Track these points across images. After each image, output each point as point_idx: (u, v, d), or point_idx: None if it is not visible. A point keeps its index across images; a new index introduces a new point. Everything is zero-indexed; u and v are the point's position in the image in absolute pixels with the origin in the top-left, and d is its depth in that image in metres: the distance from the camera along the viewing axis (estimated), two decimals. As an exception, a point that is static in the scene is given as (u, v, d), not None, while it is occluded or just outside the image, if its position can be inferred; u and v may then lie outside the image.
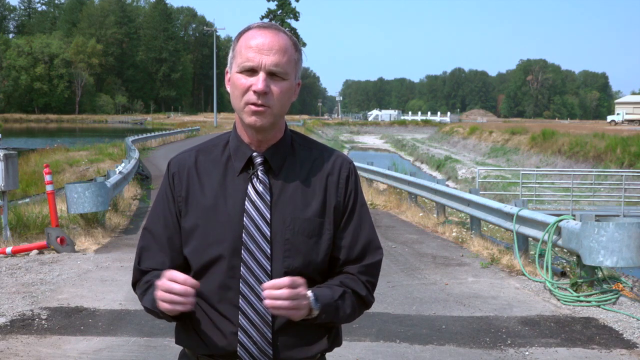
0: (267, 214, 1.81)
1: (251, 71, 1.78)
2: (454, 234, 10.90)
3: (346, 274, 1.89)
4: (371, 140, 75.50)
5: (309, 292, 1.75)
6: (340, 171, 1.90)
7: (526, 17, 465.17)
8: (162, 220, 1.91)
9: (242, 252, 1.80)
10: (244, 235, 1.80)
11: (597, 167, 25.40)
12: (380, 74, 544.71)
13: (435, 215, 13.07)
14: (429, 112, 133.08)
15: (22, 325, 5.91)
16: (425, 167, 40.09)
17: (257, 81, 1.77)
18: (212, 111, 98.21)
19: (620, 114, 74.30)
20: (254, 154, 1.85)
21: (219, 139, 1.96)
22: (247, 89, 1.78)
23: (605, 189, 21.32)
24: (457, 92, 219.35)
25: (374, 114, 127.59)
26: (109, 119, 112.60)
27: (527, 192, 19.05)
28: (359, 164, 17.76)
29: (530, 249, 9.06)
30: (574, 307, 6.77)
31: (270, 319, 1.79)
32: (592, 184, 20.01)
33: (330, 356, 1.98)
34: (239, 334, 1.79)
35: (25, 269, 8.02)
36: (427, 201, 15.08)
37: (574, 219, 7.54)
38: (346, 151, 50.98)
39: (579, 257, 7.32)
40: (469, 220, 11.51)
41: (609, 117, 75.26)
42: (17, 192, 15.15)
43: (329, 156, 1.92)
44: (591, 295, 7.02)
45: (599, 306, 6.77)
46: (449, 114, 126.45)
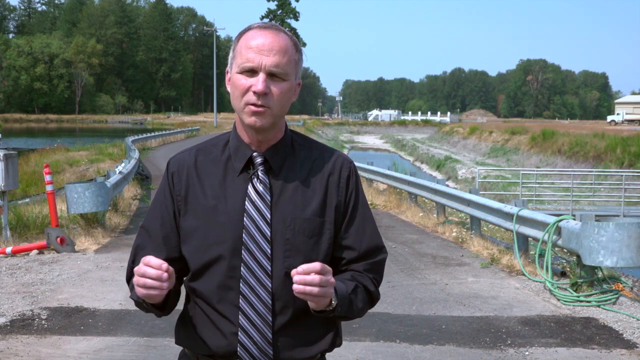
0: (267, 214, 1.81)
1: (251, 72, 1.78)
2: (454, 234, 10.90)
3: (353, 271, 1.89)
4: (371, 140, 75.50)
5: None
6: (340, 171, 1.90)
7: (526, 17, 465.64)
8: (159, 219, 1.90)
9: (243, 252, 1.79)
10: (244, 235, 1.80)
11: (597, 167, 25.40)
12: (380, 74, 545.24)
13: (435, 215, 13.07)
14: (429, 112, 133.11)
15: (22, 325, 5.91)
16: (425, 167, 40.10)
17: (257, 82, 1.76)
18: (212, 111, 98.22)
19: (620, 114, 74.30)
20: (254, 154, 1.85)
21: (218, 139, 1.95)
22: (247, 90, 1.78)
23: (605, 189, 21.32)
24: (457, 92, 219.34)
25: (374, 114, 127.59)
26: (109, 119, 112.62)
27: (527, 192, 19.05)
28: (359, 164, 17.75)
29: (530, 249, 9.06)
30: (574, 307, 6.77)
31: (270, 319, 1.79)
32: (592, 184, 20.01)
33: (330, 356, 1.98)
34: (239, 334, 1.79)
35: (25, 269, 8.02)
36: (427, 201, 15.08)
37: (574, 219, 7.54)
38: (346, 151, 50.99)
39: (579, 257, 7.32)
40: (469, 220, 11.51)
41: (609, 117, 75.25)
42: (17, 192, 15.15)
43: (330, 156, 1.92)
44: (591, 295, 7.02)
45: (599, 306, 6.77)
46: (449, 114, 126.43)
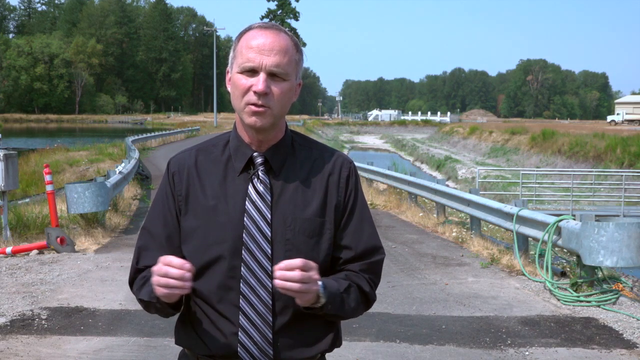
0: (267, 214, 1.81)
1: (252, 71, 1.78)
2: (454, 234, 10.89)
3: (349, 271, 1.89)
4: (371, 140, 75.50)
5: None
6: (340, 171, 1.90)
7: (526, 17, 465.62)
8: (161, 219, 1.90)
9: (243, 252, 1.79)
10: (244, 235, 1.79)
11: (597, 167, 25.39)
12: (380, 74, 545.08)
13: (435, 215, 13.07)
14: (429, 112, 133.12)
15: (22, 325, 5.91)
16: (425, 167, 40.10)
17: (258, 82, 1.76)
18: (212, 111, 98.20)
19: (620, 114, 74.31)
20: (254, 154, 1.85)
21: (218, 138, 1.95)
22: (248, 90, 1.78)
23: (605, 189, 21.32)
24: (457, 92, 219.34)
25: (374, 114, 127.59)
26: (109, 119, 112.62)
27: (527, 192, 19.05)
28: (359, 164, 17.75)
29: (530, 249, 9.06)
30: (574, 307, 6.77)
31: (270, 319, 1.79)
32: (592, 184, 20.01)
33: (330, 356, 1.98)
34: (240, 334, 1.79)
35: (25, 269, 8.02)
36: (427, 201, 15.07)
37: (574, 219, 7.54)
38: (346, 151, 50.98)
39: (579, 257, 7.32)
40: (469, 220, 11.51)
41: (609, 117, 75.27)
42: (17, 192, 15.15)
43: (330, 156, 1.92)
44: (591, 295, 7.02)
45: (599, 306, 6.77)
46: (449, 114, 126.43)
